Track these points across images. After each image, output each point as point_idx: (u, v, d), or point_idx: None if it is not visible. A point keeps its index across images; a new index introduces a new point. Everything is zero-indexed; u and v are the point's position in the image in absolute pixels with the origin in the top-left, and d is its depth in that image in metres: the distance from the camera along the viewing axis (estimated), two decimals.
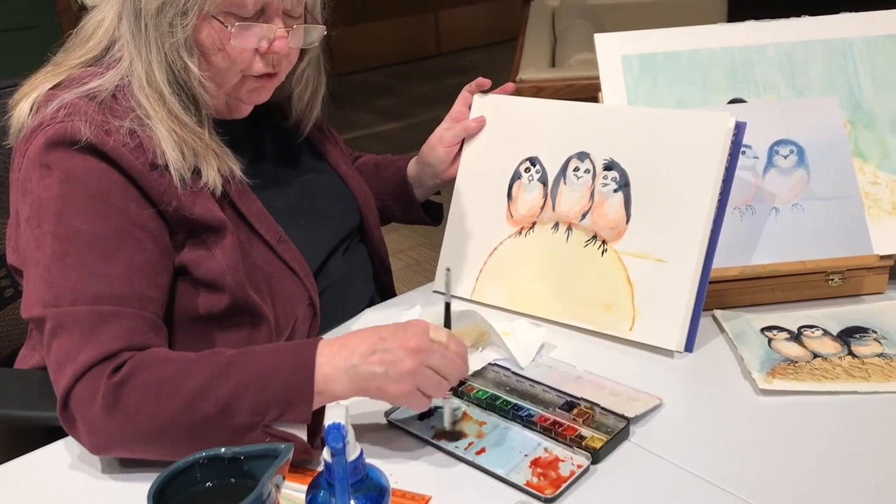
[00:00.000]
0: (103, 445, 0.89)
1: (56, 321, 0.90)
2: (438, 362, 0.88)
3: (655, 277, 1.10)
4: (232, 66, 1.02)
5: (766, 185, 1.20)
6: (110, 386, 0.86)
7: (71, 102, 0.97)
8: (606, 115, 1.19)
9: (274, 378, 0.87)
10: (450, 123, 1.30)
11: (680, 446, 0.92)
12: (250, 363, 0.88)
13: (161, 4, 0.97)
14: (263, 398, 0.86)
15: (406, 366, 0.87)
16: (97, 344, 0.88)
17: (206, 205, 1.01)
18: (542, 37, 3.63)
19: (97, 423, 0.87)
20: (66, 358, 0.89)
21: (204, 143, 1.01)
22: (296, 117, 1.21)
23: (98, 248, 0.93)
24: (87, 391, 0.87)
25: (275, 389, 0.86)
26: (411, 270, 3.30)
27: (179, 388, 0.86)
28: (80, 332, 0.89)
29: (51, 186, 0.94)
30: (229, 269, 1.01)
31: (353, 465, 0.72)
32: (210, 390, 0.86)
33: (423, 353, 0.87)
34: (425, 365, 0.88)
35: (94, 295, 0.91)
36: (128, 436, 0.87)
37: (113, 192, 0.96)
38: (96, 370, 0.87)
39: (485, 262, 1.24)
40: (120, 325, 0.90)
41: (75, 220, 0.93)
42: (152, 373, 0.88)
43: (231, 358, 0.89)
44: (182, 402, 0.86)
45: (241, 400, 0.86)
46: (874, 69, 1.27)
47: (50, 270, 0.92)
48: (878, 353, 1.06)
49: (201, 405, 0.86)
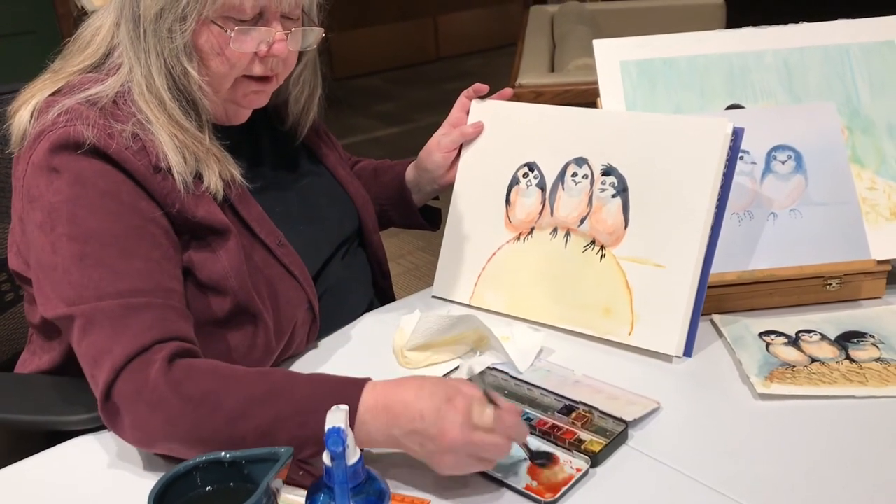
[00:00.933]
0: (147, 440, 0.89)
1: (86, 318, 0.91)
2: (480, 452, 0.83)
3: (654, 282, 1.10)
4: (231, 70, 1.02)
5: (764, 190, 1.21)
6: (158, 386, 0.86)
7: (72, 107, 0.98)
8: (604, 120, 1.20)
9: (315, 415, 0.83)
10: (447, 129, 1.31)
11: (678, 450, 0.92)
12: (292, 394, 0.87)
13: (160, 10, 0.97)
14: (303, 433, 0.84)
15: (444, 460, 0.83)
16: (132, 335, 0.89)
17: (208, 208, 1.01)
18: (541, 42, 3.64)
19: (142, 419, 0.87)
20: (101, 352, 0.89)
21: (205, 148, 1.02)
22: (293, 121, 1.21)
23: (115, 245, 0.93)
24: (132, 385, 0.87)
25: (313, 428, 0.84)
26: (410, 275, 3.31)
27: (221, 404, 0.86)
28: (111, 325, 0.90)
29: (60, 190, 0.95)
30: (233, 270, 1.01)
31: (352, 468, 0.73)
32: (251, 413, 0.86)
33: (462, 447, 0.82)
34: (466, 455, 0.83)
35: (119, 290, 0.91)
36: (170, 437, 0.87)
37: (122, 191, 0.96)
38: (136, 363, 0.88)
39: (483, 268, 1.24)
40: (150, 315, 0.91)
41: (89, 221, 0.94)
42: (198, 383, 0.87)
43: (276, 384, 0.88)
44: (222, 419, 0.86)
45: (280, 430, 0.85)
46: (871, 75, 1.28)
47: (70, 272, 0.92)
48: (876, 357, 1.06)
49: (240, 426, 0.85)
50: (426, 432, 0.83)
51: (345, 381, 0.89)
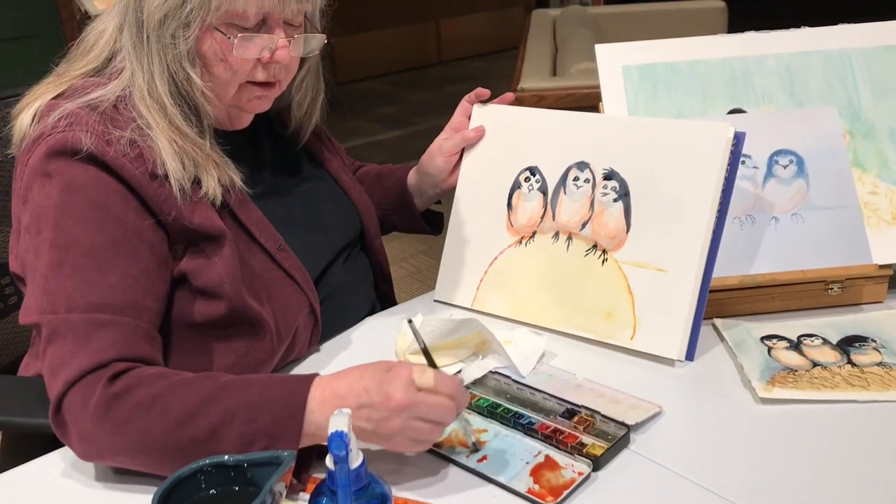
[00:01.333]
0: (94, 453, 0.89)
1: (51, 328, 0.91)
2: (426, 412, 0.85)
3: (656, 286, 1.10)
4: (234, 76, 1.02)
5: (766, 194, 1.21)
6: (105, 396, 0.87)
7: (72, 112, 0.98)
8: (606, 124, 1.20)
9: (263, 410, 0.86)
10: (449, 133, 1.31)
11: (680, 454, 0.92)
12: (242, 392, 0.88)
13: (163, 16, 0.97)
14: (251, 429, 0.86)
15: (393, 424, 0.85)
16: (91, 352, 0.89)
17: (205, 214, 1.01)
18: (543, 46, 3.65)
19: (88, 431, 0.87)
20: (59, 364, 0.90)
21: (204, 154, 1.02)
22: (295, 125, 1.22)
23: (94, 257, 0.94)
24: (80, 398, 0.88)
25: (263, 422, 0.86)
26: (412, 279, 3.31)
27: (170, 407, 0.87)
28: (74, 339, 0.90)
29: (51, 195, 0.95)
30: (227, 276, 1.01)
31: (355, 472, 0.73)
32: (199, 414, 0.86)
33: (407, 408, 0.84)
34: (413, 418, 0.85)
35: (89, 303, 0.92)
36: (117, 447, 0.87)
37: (112, 202, 0.96)
38: (89, 378, 0.88)
39: (485, 272, 1.25)
40: (113, 333, 0.91)
41: (74, 229, 0.94)
42: (146, 388, 0.88)
43: (224, 384, 0.89)
44: (171, 421, 0.86)
45: (229, 427, 0.86)
46: (873, 80, 1.28)
47: (47, 278, 0.93)
48: (878, 361, 1.06)
49: (190, 427, 0.86)
50: (372, 403, 0.85)
51: (293, 378, 0.91)
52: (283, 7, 1.00)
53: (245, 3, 0.97)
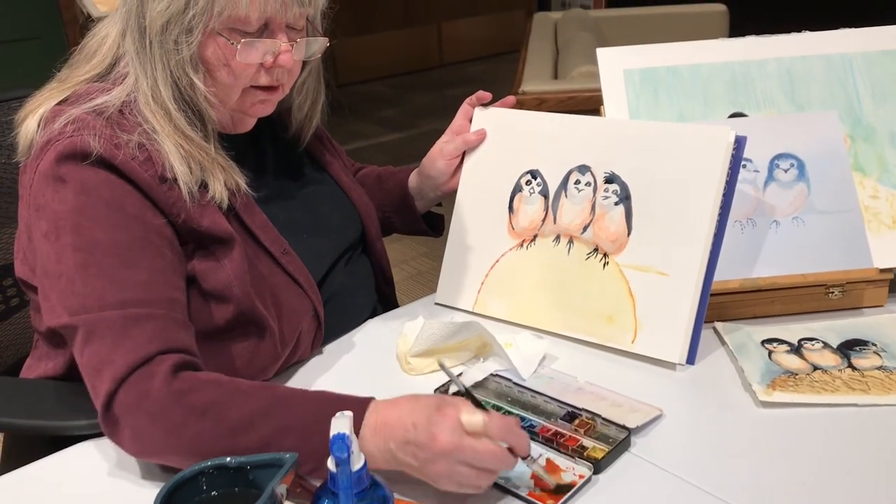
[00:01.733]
0: (146, 451, 0.89)
1: (88, 327, 0.91)
2: (472, 458, 0.81)
3: (657, 290, 1.10)
4: (237, 81, 1.03)
5: (767, 198, 1.21)
6: (162, 395, 0.87)
7: (79, 117, 0.98)
8: (607, 128, 1.20)
9: (316, 431, 0.85)
10: (450, 136, 1.31)
11: (681, 457, 0.92)
12: (297, 409, 0.88)
13: (166, 22, 0.97)
14: (304, 447, 0.84)
15: (437, 468, 0.82)
16: (134, 346, 0.89)
17: (213, 217, 1.02)
18: (544, 49, 3.65)
19: (143, 430, 0.87)
20: (102, 362, 0.89)
21: (210, 158, 1.02)
22: (296, 127, 1.22)
23: (119, 255, 0.94)
24: (133, 396, 0.88)
25: (315, 444, 0.84)
26: (413, 281, 3.31)
27: (226, 415, 0.87)
28: (112, 336, 0.90)
29: (66, 199, 0.95)
30: (237, 279, 1.02)
31: (357, 474, 0.73)
32: (254, 425, 0.86)
33: (452, 452, 0.81)
34: (458, 462, 0.81)
35: (122, 300, 0.92)
36: (171, 447, 0.87)
37: (127, 201, 0.97)
38: (140, 373, 0.88)
39: (486, 275, 1.25)
40: (153, 326, 0.91)
41: (94, 231, 0.94)
42: (203, 394, 0.88)
43: (280, 397, 0.89)
44: (225, 429, 0.86)
45: (282, 442, 0.85)
46: (874, 84, 1.28)
47: (74, 281, 0.93)
48: (878, 365, 1.06)
49: (243, 437, 0.86)
50: (418, 441, 0.82)
51: (350, 399, 0.89)
52: (286, 11, 1.00)
53: (248, 9, 0.97)
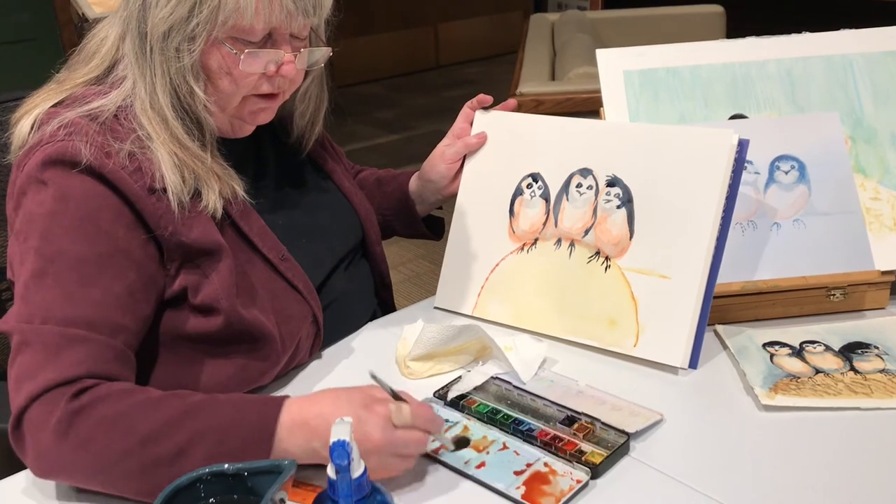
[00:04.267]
0: (49, 470, 0.87)
1: (22, 337, 0.89)
2: (402, 449, 0.86)
3: (659, 293, 1.10)
4: (238, 89, 1.02)
5: (768, 200, 1.21)
6: (66, 412, 0.84)
7: (72, 121, 0.97)
8: (609, 131, 1.19)
9: (232, 433, 0.85)
10: (451, 140, 1.31)
11: (681, 462, 0.92)
12: (211, 414, 0.86)
13: (168, 29, 0.96)
14: (218, 450, 0.84)
15: (370, 463, 0.80)
16: (59, 366, 0.87)
17: (203, 228, 1.00)
18: (541, 50, 3.65)
19: (47, 447, 0.85)
20: (24, 376, 0.87)
21: (206, 167, 1.01)
22: (298, 134, 1.21)
23: (78, 270, 0.92)
24: (42, 414, 0.85)
25: (231, 445, 0.84)
26: (411, 283, 3.30)
27: (135, 426, 0.85)
28: (44, 351, 0.88)
29: (43, 203, 0.94)
30: (223, 292, 1.00)
31: (357, 482, 0.72)
32: (165, 434, 0.84)
33: (385, 448, 0.85)
34: (389, 455, 0.85)
35: (66, 317, 0.89)
36: (76, 465, 0.85)
37: (103, 216, 0.94)
38: (53, 393, 0.86)
39: (486, 279, 1.24)
40: (85, 350, 0.89)
41: (61, 240, 0.92)
42: (111, 406, 0.86)
43: (193, 404, 0.87)
44: (137, 440, 0.84)
45: (195, 448, 0.84)
46: (874, 85, 1.28)
47: (28, 287, 0.92)
48: (881, 368, 1.06)
49: (154, 448, 0.84)
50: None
51: (263, 399, 0.89)
52: (290, 22, 0.99)
53: (252, 19, 0.96)
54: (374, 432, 0.84)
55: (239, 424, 0.86)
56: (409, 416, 0.86)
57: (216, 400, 0.89)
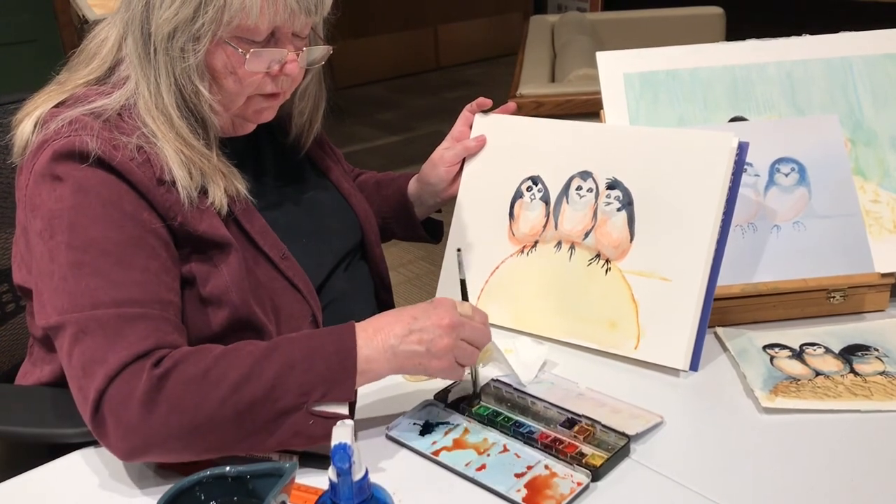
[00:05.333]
0: (139, 447, 0.87)
1: (78, 326, 0.89)
2: (470, 334, 0.96)
3: (660, 296, 1.10)
4: (242, 89, 1.02)
5: (768, 202, 1.21)
6: (152, 380, 0.86)
7: (77, 118, 0.97)
8: (609, 134, 1.20)
9: (317, 359, 0.89)
10: (450, 143, 1.31)
11: (682, 464, 0.92)
12: (291, 347, 0.90)
13: (172, 30, 0.96)
14: (308, 378, 0.88)
15: (445, 342, 0.93)
16: (127, 344, 0.88)
17: (211, 222, 1.01)
18: (541, 52, 3.65)
19: (134, 423, 0.85)
20: (93, 361, 0.87)
21: (212, 165, 1.02)
22: (296, 133, 1.21)
23: (114, 255, 0.93)
24: (123, 391, 0.86)
25: (319, 369, 0.89)
26: (411, 284, 3.30)
27: (226, 373, 0.87)
28: (104, 335, 0.88)
29: (62, 197, 0.94)
30: (234, 284, 1.01)
31: (358, 484, 0.72)
32: (255, 373, 0.87)
33: (456, 328, 0.94)
34: (460, 338, 0.95)
35: (115, 299, 0.90)
36: (171, 430, 0.85)
37: (124, 201, 0.96)
38: (131, 369, 0.87)
39: (486, 281, 1.24)
40: (146, 325, 0.90)
41: (89, 230, 0.93)
42: (195, 364, 0.88)
43: (271, 344, 0.91)
44: (229, 386, 0.86)
45: (286, 381, 0.88)
46: (874, 88, 1.28)
47: (66, 279, 0.92)
48: (881, 371, 1.06)
49: (248, 388, 0.86)
50: (422, 326, 0.93)
51: (333, 328, 0.95)
52: (293, 20, 1.00)
53: (257, 18, 0.97)
54: (444, 315, 0.94)
55: (320, 349, 0.90)
56: (470, 308, 0.98)
57: (288, 337, 0.93)
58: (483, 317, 1.00)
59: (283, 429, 0.88)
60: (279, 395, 0.87)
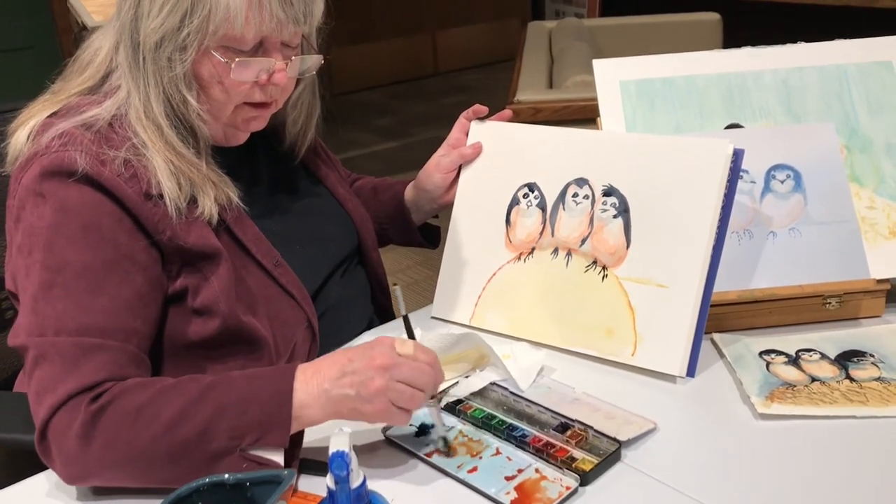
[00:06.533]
0: (78, 475, 0.88)
1: (38, 351, 0.90)
2: (408, 375, 0.89)
3: (657, 302, 1.10)
4: (230, 98, 1.03)
5: (764, 209, 1.21)
6: (88, 414, 0.86)
7: (67, 132, 0.98)
8: (605, 141, 1.20)
9: (252, 403, 0.87)
10: (446, 150, 1.31)
11: (677, 470, 0.92)
12: (228, 389, 0.89)
13: (160, 39, 0.97)
14: (241, 422, 0.86)
15: (376, 384, 0.87)
16: (78, 375, 0.88)
17: (200, 233, 1.01)
18: (539, 58, 3.65)
19: (73, 453, 0.86)
20: (45, 388, 0.89)
21: (202, 175, 1.02)
22: (290, 141, 1.22)
23: (86, 279, 0.93)
24: (65, 422, 0.87)
25: (253, 414, 0.87)
26: (409, 290, 3.30)
27: (158, 413, 0.86)
28: (61, 363, 0.89)
29: (43, 215, 0.95)
30: (223, 294, 1.01)
31: (356, 492, 0.73)
32: (188, 415, 0.86)
33: (390, 368, 0.88)
34: (395, 380, 0.88)
35: (78, 326, 0.91)
36: (105, 463, 0.86)
37: (104, 224, 0.96)
38: (75, 401, 0.87)
39: (483, 288, 1.24)
40: (102, 357, 0.90)
41: (65, 251, 0.93)
42: (130, 399, 0.87)
43: (209, 384, 0.89)
44: (160, 427, 0.86)
45: (219, 424, 0.86)
46: (869, 95, 1.29)
47: (36, 299, 0.92)
48: (876, 377, 1.06)
49: (180, 430, 0.86)
50: (354, 369, 0.89)
51: (275, 368, 0.93)
52: (281, 30, 1.00)
53: (243, 28, 0.97)
54: (378, 354, 0.89)
55: (257, 392, 0.88)
56: (412, 347, 0.91)
57: (230, 376, 0.91)
58: (429, 356, 0.92)
59: (217, 469, 0.86)
60: (211, 437, 0.86)
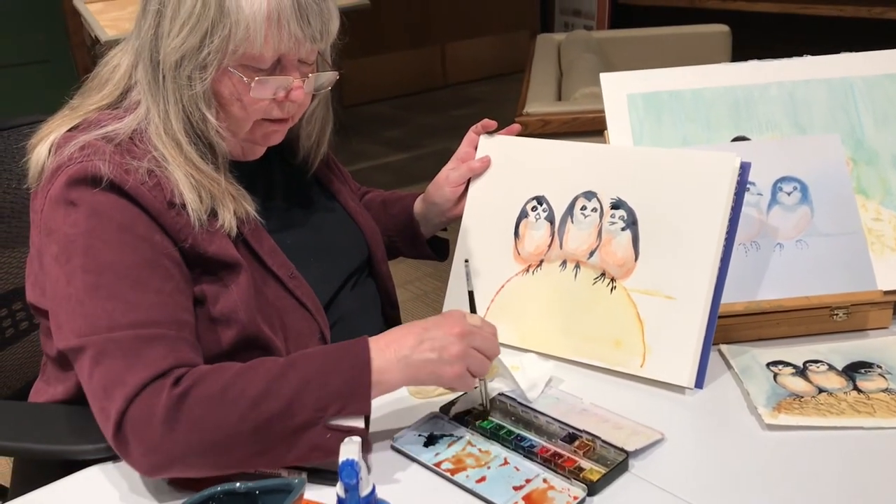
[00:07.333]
0: (162, 464, 0.89)
1: (97, 348, 0.92)
2: (481, 343, 0.98)
3: (665, 314, 1.11)
4: (248, 115, 1.04)
5: (771, 221, 1.22)
6: (172, 399, 0.88)
7: (89, 143, 0.99)
8: (613, 155, 1.21)
9: (331, 374, 0.92)
10: (456, 164, 1.33)
11: (685, 480, 0.92)
12: (307, 363, 0.93)
13: (180, 58, 0.99)
14: (324, 393, 0.91)
15: (456, 349, 0.96)
16: (145, 365, 0.90)
17: (221, 244, 1.03)
18: (547, 70, 3.66)
19: (156, 441, 0.88)
20: (113, 383, 0.90)
21: (221, 188, 1.04)
22: (304, 154, 1.23)
23: (129, 277, 0.95)
24: (144, 410, 0.88)
25: (335, 385, 0.91)
26: (419, 301, 3.31)
27: (244, 391, 0.89)
28: (123, 356, 0.91)
29: (77, 223, 0.97)
30: (243, 303, 1.03)
31: (365, 500, 0.73)
32: (273, 391, 0.90)
33: (467, 336, 0.97)
34: (471, 346, 0.97)
35: (131, 321, 0.93)
36: (191, 446, 0.88)
37: (138, 224, 0.98)
38: (150, 389, 0.89)
39: (492, 300, 1.25)
40: (164, 346, 0.92)
41: (104, 253, 0.95)
42: (213, 382, 0.90)
43: (288, 360, 0.94)
44: (247, 403, 0.89)
45: (303, 396, 0.90)
46: (875, 107, 1.29)
47: (83, 303, 0.94)
48: (884, 388, 1.06)
49: (266, 406, 0.89)
50: (434, 336, 0.96)
51: (347, 342, 0.97)
52: (299, 48, 1.02)
53: (262, 47, 0.99)
54: (455, 324, 0.97)
55: (336, 363, 0.93)
56: (480, 319, 1.01)
57: (305, 353, 0.96)
58: (492, 328, 1.02)
59: (301, 443, 0.90)
60: (296, 410, 0.89)
